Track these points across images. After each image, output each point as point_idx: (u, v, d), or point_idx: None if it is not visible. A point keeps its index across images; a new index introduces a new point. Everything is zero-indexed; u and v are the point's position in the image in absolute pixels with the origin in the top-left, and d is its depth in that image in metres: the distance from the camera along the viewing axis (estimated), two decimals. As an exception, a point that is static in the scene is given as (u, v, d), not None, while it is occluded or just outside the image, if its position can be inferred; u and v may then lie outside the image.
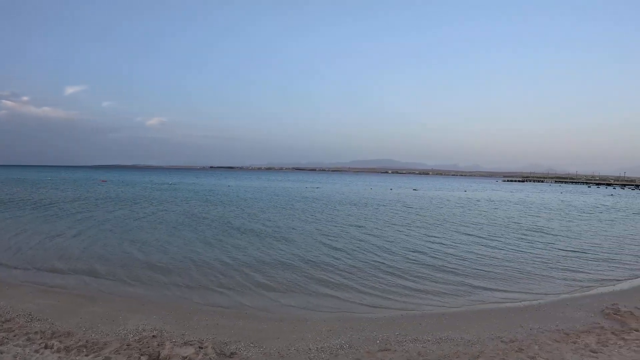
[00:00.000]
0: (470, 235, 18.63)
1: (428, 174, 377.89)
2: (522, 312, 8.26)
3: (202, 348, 5.79)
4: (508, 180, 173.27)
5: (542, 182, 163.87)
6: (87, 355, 5.48)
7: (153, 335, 6.37)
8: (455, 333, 6.95)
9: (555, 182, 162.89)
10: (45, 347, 5.70)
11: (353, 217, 25.24)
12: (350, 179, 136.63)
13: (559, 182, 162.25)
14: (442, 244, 16.08)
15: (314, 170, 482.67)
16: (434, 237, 17.94)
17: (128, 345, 5.86)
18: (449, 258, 13.47)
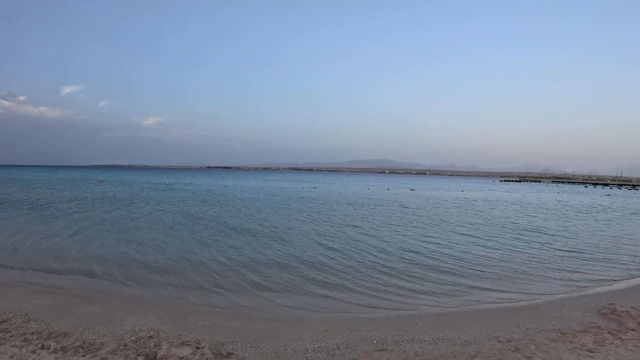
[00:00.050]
0: (467, 235, 18.68)
1: (425, 174, 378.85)
2: (518, 312, 8.28)
3: (198, 348, 5.79)
4: (505, 181, 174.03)
5: (539, 182, 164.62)
6: (84, 356, 5.47)
7: (150, 336, 6.35)
8: (452, 333, 6.97)
9: (552, 182, 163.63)
10: (42, 347, 5.68)
11: (350, 217, 25.26)
12: (348, 179, 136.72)
13: (556, 182, 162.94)
14: (438, 244, 16.11)
15: (312, 170, 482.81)
16: (431, 237, 17.98)
17: (125, 346, 5.85)
18: (446, 258, 13.50)
